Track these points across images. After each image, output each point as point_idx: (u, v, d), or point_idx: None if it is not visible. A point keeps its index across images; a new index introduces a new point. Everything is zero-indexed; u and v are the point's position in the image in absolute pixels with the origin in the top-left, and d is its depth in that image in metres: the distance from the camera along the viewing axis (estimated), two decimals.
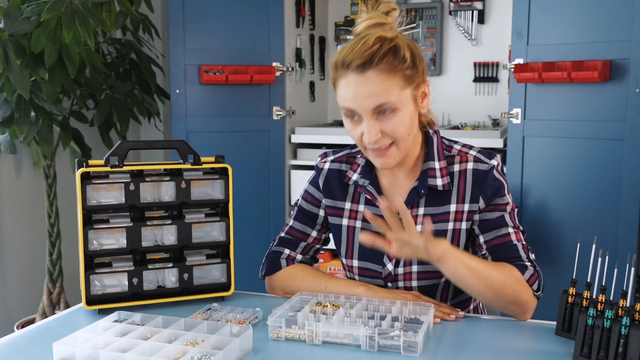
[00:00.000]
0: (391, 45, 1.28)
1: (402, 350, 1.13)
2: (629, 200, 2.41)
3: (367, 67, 1.26)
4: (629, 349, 1.04)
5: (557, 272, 2.49)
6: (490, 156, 1.41)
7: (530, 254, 1.36)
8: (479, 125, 3.26)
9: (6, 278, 2.96)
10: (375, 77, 1.26)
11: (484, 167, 1.39)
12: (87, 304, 1.35)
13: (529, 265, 1.33)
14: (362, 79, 1.27)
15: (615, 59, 2.40)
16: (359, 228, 1.45)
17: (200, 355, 1.06)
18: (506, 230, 1.37)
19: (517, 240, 1.36)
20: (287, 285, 1.48)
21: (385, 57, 1.27)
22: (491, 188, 1.38)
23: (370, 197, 1.43)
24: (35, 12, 2.31)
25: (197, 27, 2.97)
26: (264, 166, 3.09)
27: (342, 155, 1.52)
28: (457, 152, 1.42)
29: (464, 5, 3.28)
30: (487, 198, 1.37)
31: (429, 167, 1.39)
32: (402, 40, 1.31)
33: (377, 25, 1.35)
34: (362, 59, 1.26)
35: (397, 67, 1.28)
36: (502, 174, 1.40)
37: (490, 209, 1.38)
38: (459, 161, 1.40)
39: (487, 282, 1.27)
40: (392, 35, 1.30)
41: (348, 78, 1.29)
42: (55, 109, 2.62)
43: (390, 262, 1.42)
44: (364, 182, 1.44)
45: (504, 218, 1.37)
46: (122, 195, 1.37)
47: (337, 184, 1.49)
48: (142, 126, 3.54)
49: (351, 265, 1.48)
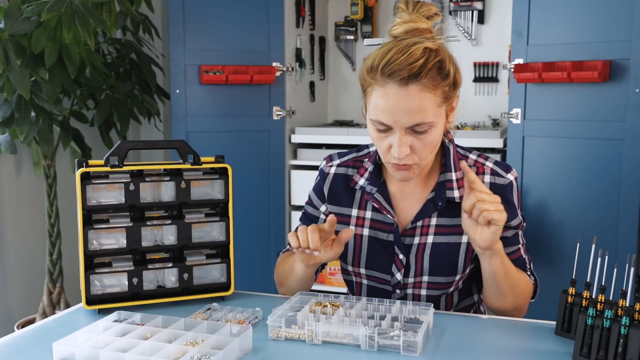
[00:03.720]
0: (437, 59, 1.22)
1: (402, 350, 1.13)
2: (629, 200, 2.41)
3: (412, 81, 1.19)
4: (629, 348, 1.05)
5: (557, 272, 2.50)
6: (507, 169, 1.37)
7: (531, 265, 1.43)
8: (478, 126, 3.26)
9: (6, 278, 2.96)
10: (418, 92, 1.19)
11: (501, 182, 1.36)
12: (87, 304, 1.35)
13: (530, 275, 1.42)
14: (403, 92, 1.19)
15: (615, 59, 2.40)
16: (367, 236, 1.42)
17: (200, 355, 1.06)
18: (517, 247, 1.40)
19: (524, 254, 1.42)
20: (278, 274, 1.51)
21: (430, 72, 1.20)
22: (508, 205, 1.30)
23: (378, 205, 1.39)
24: (35, 12, 2.31)
25: (197, 27, 2.98)
26: (264, 166, 3.09)
27: (349, 159, 1.47)
28: (473, 163, 1.38)
29: (464, 5, 3.28)
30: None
31: (447, 179, 1.35)
32: (446, 53, 1.25)
33: (417, 30, 1.27)
34: (407, 71, 1.18)
35: (440, 83, 1.22)
36: (517, 190, 1.38)
37: (505, 229, 1.33)
38: (475, 172, 1.33)
39: (513, 287, 1.30)
40: (436, 46, 1.24)
41: (387, 89, 1.21)
42: (56, 109, 2.62)
43: (399, 272, 1.39)
44: (371, 190, 1.40)
45: (517, 236, 1.40)
46: (122, 195, 1.37)
47: (343, 190, 1.45)
48: (142, 126, 3.54)
49: (358, 272, 1.45)
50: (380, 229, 1.41)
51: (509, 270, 1.30)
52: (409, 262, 1.39)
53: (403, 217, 1.40)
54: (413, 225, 1.38)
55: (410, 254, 1.38)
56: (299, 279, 1.42)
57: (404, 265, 1.39)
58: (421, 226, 1.38)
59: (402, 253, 1.38)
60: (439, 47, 1.25)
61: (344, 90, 3.65)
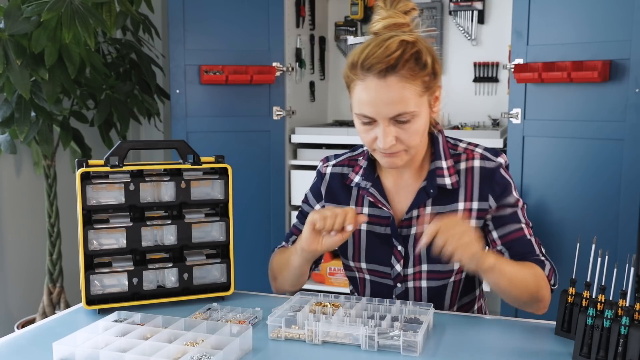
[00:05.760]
0: (414, 50, 1.25)
1: (402, 350, 1.13)
2: (629, 200, 2.41)
3: (390, 73, 1.23)
4: (629, 348, 1.05)
5: (557, 272, 2.49)
6: (496, 154, 1.40)
7: (542, 248, 1.40)
8: (479, 126, 3.26)
9: (6, 278, 2.96)
10: (396, 83, 1.23)
11: (490, 165, 1.38)
12: (87, 304, 1.35)
13: (544, 259, 1.36)
14: (383, 84, 1.23)
15: (615, 59, 2.40)
16: (365, 231, 1.44)
17: (200, 355, 1.06)
18: (519, 226, 1.38)
19: (530, 235, 1.39)
20: (273, 268, 1.52)
21: (407, 63, 1.24)
22: (500, 186, 1.37)
23: (373, 199, 1.42)
24: (35, 12, 2.31)
25: (197, 27, 2.97)
26: (264, 166, 3.09)
27: (344, 158, 1.51)
28: (463, 150, 1.41)
29: (464, 5, 3.28)
30: (496, 196, 1.37)
31: (437, 167, 1.38)
32: (423, 45, 1.28)
33: (395, 25, 1.31)
34: (384, 63, 1.23)
35: (418, 74, 1.25)
36: (508, 172, 1.40)
37: (502, 207, 1.38)
38: (465, 159, 1.39)
39: (523, 288, 1.28)
40: (413, 39, 1.27)
41: (368, 82, 1.25)
42: (56, 109, 2.62)
43: (399, 263, 1.41)
44: (365, 185, 1.42)
45: (516, 214, 1.39)
46: (122, 195, 1.37)
47: (340, 188, 1.48)
48: (142, 126, 3.54)
49: (360, 267, 1.47)
50: (377, 223, 1.42)
51: (512, 277, 1.27)
52: (408, 252, 1.40)
53: (399, 209, 1.42)
54: (408, 216, 1.39)
55: (409, 245, 1.40)
56: (294, 272, 1.43)
57: (403, 256, 1.40)
58: (417, 216, 1.39)
59: (400, 244, 1.40)
60: (416, 39, 1.29)
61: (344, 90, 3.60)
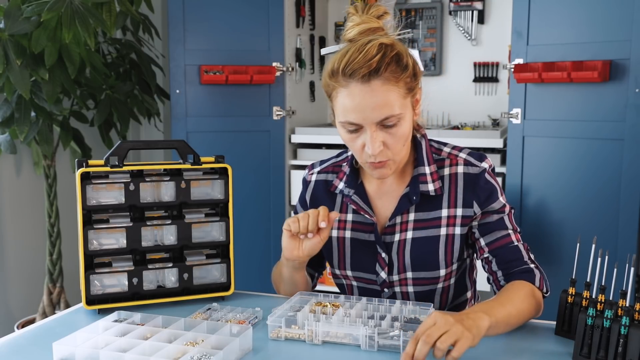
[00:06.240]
0: (394, 52, 1.24)
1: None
2: (629, 200, 2.41)
3: (373, 77, 1.21)
4: (629, 348, 1.05)
5: (557, 272, 2.49)
6: (480, 158, 1.37)
7: (530, 254, 1.36)
8: (479, 125, 3.26)
9: (6, 278, 2.96)
10: (381, 87, 1.22)
11: (474, 171, 1.36)
12: (87, 304, 1.35)
13: (533, 267, 1.32)
14: (367, 89, 1.22)
15: (615, 59, 2.40)
16: (349, 238, 1.43)
17: (200, 355, 1.06)
18: (506, 232, 1.35)
19: (517, 241, 1.35)
20: (274, 281, 1.54)
21: (389, 66, 1.22)
22: (484, 192, 1.35)
23: (355, 207, 1.40)
24: (35, 12, 2.31)
25: (197, 27, 2.98)
26: (264, 166, 3.09)
27: (328, 165, 1.50)
28: (447, 155, 1.39)
29: (464, 5, 3.28)
30: (481, 202, 1.35)
31: (420, 173, 1.36)
32: (401, 47, 1.28)
33: (370, 30, 1.29)
34: (366, 68, 1.21)
35: (401, 76, 1.24)
36: (493, 177, 1.37)
37: (487, 214, 1.35)
38: (449, 164, 1.37)
39: (522, 318, 1.24)
40: (390, 41, 1.26)
41: (351, 88, 1.23)
42: (56, 109, 2.62)
43: (383, 271, 1.40)
44: (349, 192, 1.41)
45: (503, 220, 1.36)
46: (122, 195, 1.37)
47: (325, 195, 1.47)
48: (142, 126, 3.54)
49: (346, 275, 1.46)
50: (361, 230, 1.42)
51: (510, 318, 1.20)
52: (392, 259, 1.39)
53: (382, 215, 1.41)
54: (392, 223, 1.38)
55: (392, 252, 1.38)
56: (289, 283, 1.45)
57: (387, 263, 1.39)
58: (400, 223, 1.38)
59: (384, 251, 1.39)
60: (394, 42, 1.27)
61: None
